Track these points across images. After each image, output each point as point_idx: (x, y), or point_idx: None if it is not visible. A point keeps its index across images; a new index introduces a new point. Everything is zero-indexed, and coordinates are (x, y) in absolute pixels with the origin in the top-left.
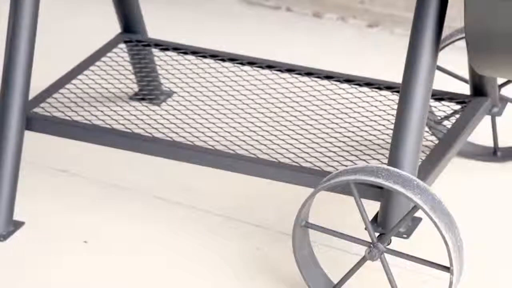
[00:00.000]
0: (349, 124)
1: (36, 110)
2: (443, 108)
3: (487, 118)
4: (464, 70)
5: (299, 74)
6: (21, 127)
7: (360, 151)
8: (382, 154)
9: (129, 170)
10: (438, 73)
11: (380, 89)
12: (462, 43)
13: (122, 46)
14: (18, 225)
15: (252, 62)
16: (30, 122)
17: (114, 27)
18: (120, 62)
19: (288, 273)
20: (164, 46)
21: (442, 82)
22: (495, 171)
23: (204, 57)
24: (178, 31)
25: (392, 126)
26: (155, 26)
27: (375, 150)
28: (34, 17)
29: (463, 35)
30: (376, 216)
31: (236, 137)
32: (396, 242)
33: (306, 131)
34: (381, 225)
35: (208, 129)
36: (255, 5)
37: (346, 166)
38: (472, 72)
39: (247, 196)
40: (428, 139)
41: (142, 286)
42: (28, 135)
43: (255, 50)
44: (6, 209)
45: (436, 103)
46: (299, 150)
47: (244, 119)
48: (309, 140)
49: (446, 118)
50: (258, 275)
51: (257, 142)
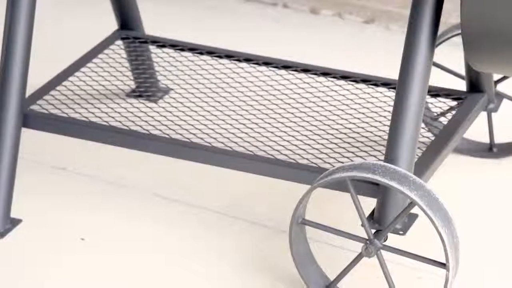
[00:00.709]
0: (345, 121)
1: (33, 107)
2: (439, 104)
3: (483, 114)
4: (460, 66)
5: (296, 71)
6: (18, 125)
7: (356, 148)
8: (379, 151)
9: (126, 168)
10: (434, 69)
11: (376, 85)
12: (459, 39)
13: (119, 43)
14: (15, 222)
15: (249, 59)
16: (27, 119)
17: (111, 24)
18: (117, 59)
19: (285, 269)
20: (161, 43)
21: (439, 78)
22: (491, 167)
23: (201, 54)
24: (175, 28)
25: (388, 123)
26: (152, 23)
27: (372, 147)
28: (31, 14)
29: (459, 31)
30: (372, 212)
31: (233, 134)
32: (392, 239)
33: (302, 128)
34: (377, 221)
35: (205, 126)
36: (252, 1)
37: (343, 163)
38: (468, 68)
39: (244, 193)
40: (424, 136)
41: (140, 283)
42: (25, 133)
43: (252, 47)
44: (3, 206)
45: (432, 99)
46: (296, 147)
47: (241, 116)
48: (305, 137)
49: (442, 114)
50: (255, 272)
51: (253, 139)
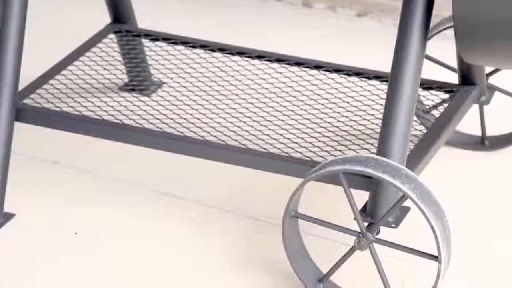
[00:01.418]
0: (338, 114)
1: (25, 101)
2: (432, 97)
3: (475, 107)
4: (452, 59)
5: (289, 64)
6: (10, 118)
7: (349, 141)
8: (371, 144)
9: (120, 162)
10: (426, 62)
11: (369, 78)
12: (451, 32)
13: (112, 36)
14: (8, 217)
15: (242, 53)
16: (20, 113)
17: (104, 18)
18: (109, 53)
19: (278, 263)
20: (154, 37)
21: (431, 71)
22: (483, 160)
23: (194, 47)
24: (168, 21)
25: (381, 116)
26: (145, 16)
27: (364, 140)
28: (24, 7)
29: (451, 24)
30: (365, 206)
31: (226, 127)
32: (385, 232)
33: (295, 121)
34: (370, 214)
35: (198, 119)
36: None
37: (336, 156)
38: (460, 61)
39: (238, 186)
40: (416, 129)
41: (132, 276)
42: (18, 127)
43: (245, 40)
44: None
45: (424, 92)
46: (289, 140)
47: (234, 110)
48: (298, 130)
49: (435, 107)
50: (248, 265)
51: (246, 132)
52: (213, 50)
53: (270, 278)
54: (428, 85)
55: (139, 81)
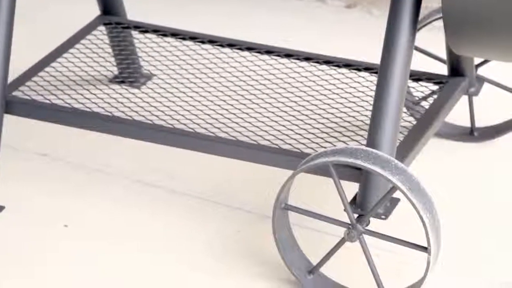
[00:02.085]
0: (327, 105)
1: (15, 93)
2: (421, 88)
3: (464, 98)
4: (441, 50)
5: (278, 56)
6: (0, 111)
7: (339, 133)
8: (361, 136)
9: (109, 154)
10: (415, 53)
11: (358, 70)
12: (440, 23)
13: (102, 28)
14: None
15: (231, 44)
16: (9, 105)
17: (94, 10)
18: (99, 45)
19: (268, 255)
20: (143, 28)
21: (420, 63)
22: (472, 151)
23: (183, 39)
24: (158, 13)
25: (370, 108)
26: (135, 8)
27: (354, 131)
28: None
29: (441, 15)
30: (355, 197)
31: (215, 119)
32: (375, 223)
33: (285, 113)
34: (360, 206)
35: (188, 111)
36: None
37: (325, 148)
38: (449, 52)
39: (228, 178)
40: (406, 120)
41: (123, 268)
42: (7, 119)
43: (235, 32)
44: None
45: (414, 84)
46: (278, 132)
47: (223, 102)
48: (288, 122)
49: (424, 98)
50: (238, 257)
51: (236, 124)
52: (202, 42)
53: (260, 269)
54: (417, 76)
55: (129, 73)
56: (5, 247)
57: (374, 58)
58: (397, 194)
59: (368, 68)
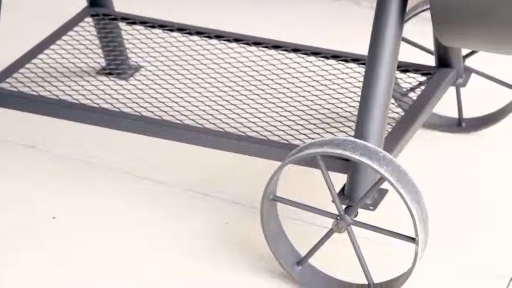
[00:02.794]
0: (316, 97)
1: (2, 85)
2: (409, 79)
3: (452, 89)
4: (429, 41)
5: (266, 47)
6: None
7: (327, 124)
8: (349, 127)
9: (97, 146)
10: (403, 44)
11: (346, 61)
12: (427, 14)
13: (89, 20)
14: None
15: (219, 36)
16: None
17: (80, 2)
18: (86, 36)
19: (256, 246)
20: (131, 20)
21: (408, 54)
22: (460, 142)
23: (171, 30)
24: (145, 5)
25: (358, 99)
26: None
27: (342, 122)
28: None
29: (428, 6)
30: (343, 188)
31: (203, 111)
32: (363, 214)
33: (273, 104)
34: (348, 197)
35: (176, 103)
36: None
37: (313, 139)
38: (437, 43)
39: (216, 170)
40: (394, 111)
41: (110, 260)
42: None
43: (223, 24)
44: None
45: (401, 75)
46: (267, 123)
47: (211, 93)
48: (276, 113)
49: (412, 89)
50: (226, 249)
51: (224, 116)
52: (190, 34)
53: (248, 261)
54: (405, 67)
55: (117, 65)
56: None
57: (362, 49)
58: (385, 185)
59: (355, 59)
